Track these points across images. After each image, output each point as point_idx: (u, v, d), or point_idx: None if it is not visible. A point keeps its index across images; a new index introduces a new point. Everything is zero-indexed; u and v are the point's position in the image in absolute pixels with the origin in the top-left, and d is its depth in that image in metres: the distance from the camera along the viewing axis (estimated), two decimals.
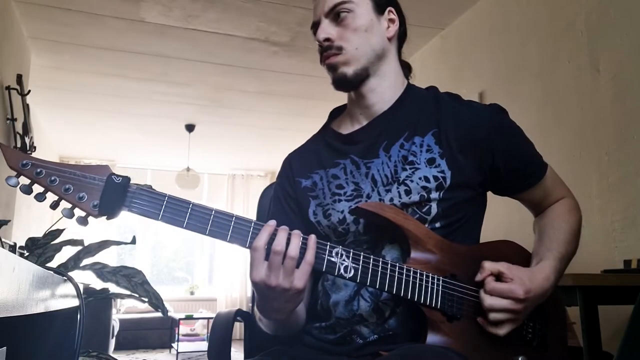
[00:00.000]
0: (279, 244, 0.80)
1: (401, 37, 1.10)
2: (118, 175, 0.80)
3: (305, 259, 0.81)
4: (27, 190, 0.77)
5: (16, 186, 0.76)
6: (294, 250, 0.80)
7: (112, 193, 0.78)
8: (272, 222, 0.82)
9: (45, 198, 0.78)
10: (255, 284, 0.82)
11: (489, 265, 0.91)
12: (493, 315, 0.89)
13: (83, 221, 0.79)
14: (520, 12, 2.81)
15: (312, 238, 0.83)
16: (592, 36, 2.33)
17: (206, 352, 1.24)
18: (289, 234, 0.82)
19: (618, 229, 2.13)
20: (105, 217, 0.80)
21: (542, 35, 2.64)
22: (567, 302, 1.69)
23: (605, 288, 1.67)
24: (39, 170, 0.77)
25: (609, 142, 2.21)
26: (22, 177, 0.77)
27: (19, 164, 0.77)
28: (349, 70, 1.00)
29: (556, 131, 2.48)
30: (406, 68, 1.12)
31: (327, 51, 1.01)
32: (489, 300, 0.89)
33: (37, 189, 0.78)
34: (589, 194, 2.25)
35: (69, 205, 0.78)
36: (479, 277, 0.91)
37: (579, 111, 2.38)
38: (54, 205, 0.78)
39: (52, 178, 0.77)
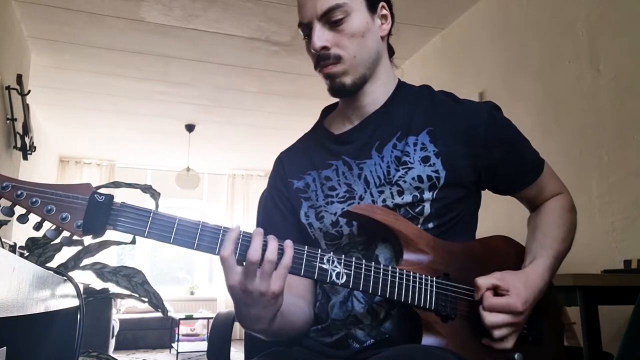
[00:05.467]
0: (255, 252, 0.77)
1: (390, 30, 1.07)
2: (101, 194, 0.78)
3: (282, 263, 0.79)
4: (8, 212, 0.75)
5: None
6: (272, 254, 0.78)
7: (95, 212, 0.77)
8: (237, 229, 0.80)
9: (28, 219, 0.76)
10: (231, 288, 0.79)
11: (482, 282, 0.90)
12: (497, 333, 0.88)
13: (68, 241, 0.78)
14: (521, 12, 2.81)
15: (288, 242, 0.81)
16: (592, 36, 2.33)
17: (206, 352, 1.23)
18: (265, 239, 0.79)
19: (618, 229, 2.13)
20: (91, 236, 0.78)
21: (542, 35, 2.64)
22: (567, 302, 1.69)
23: (605, 288, 1.67)
24: (19, 192, 0.76)
25: (609, 142, 2.21)
26: (3, 199, 0.76)
27: None
28: (348, 79, 0.98)
29: (556, 131, 2.48)
30: (391, 53, 1.08)
31: (324, 60, 0.96)
32: (490, 318, 0.87)
33: (19, 210, 0.76)
34: (589, 194, 2.25)
35: (53, 226, 0.77)
36: (476, 297, 0.90)
37: (579, 111, 2.37)
38: (37, 227, 0.77)
39: (34, 199, 0.76)
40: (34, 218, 0.77)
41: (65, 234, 0.78)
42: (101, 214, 0.77)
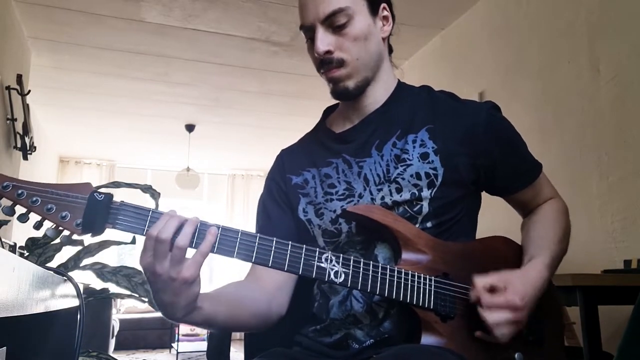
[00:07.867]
0: (165, 232, 0.76)
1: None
2: (100, 193, 0.79)
3: (199, 249, 0.77)
4: (9, 212, 0.76)
5: None
6: (182, 240, 0.76)
7: (94, 211, 0.77)
8: (172, 212, 0.79)
9: (28, 219, 0.77)
10: (143, 270, 0.79)
11: (479, 282, 0.89)
12: (499, 331, 0.86)
13: (68, 240, 0.79)
14: (521, 12, 2.81)
15: (212, 229, 0.79)
16: (592, 36, 2.33)
17: (206, 352, 1.23)
18: (183, 222, 0.77)
19: (618, 229, 2.13)
20: (90, 234, 0.79)
21: (542, 35, 2.64)
22: (567, 302, 1.69)
23: (605, 288, 1.67)
24: (20, 191, 0.77)
25: (609, 142, 2.20)
26: (4, 199, 0.77)
27: (0, 186, 0.76)
28: (351, 83, 0.98)
29: (556, 131, 2.48)
30: (389, 51, 1.08)
31: (328, 64, 0.97)
32: (491, 317, 0.86)
33: (20, 209, 0.77)
34: (589, 194, 2.25)
35: (53, 225, 0.78)
36: (472, 297, 0.89)
37: (579, 111, 2.37)
38: (38, 226, 0.78)
39: (34, 199, 0.77)
40: (34, 217, 0.78)
41: (65, 232, 0.78)
42: (100, 212, 0.78)
